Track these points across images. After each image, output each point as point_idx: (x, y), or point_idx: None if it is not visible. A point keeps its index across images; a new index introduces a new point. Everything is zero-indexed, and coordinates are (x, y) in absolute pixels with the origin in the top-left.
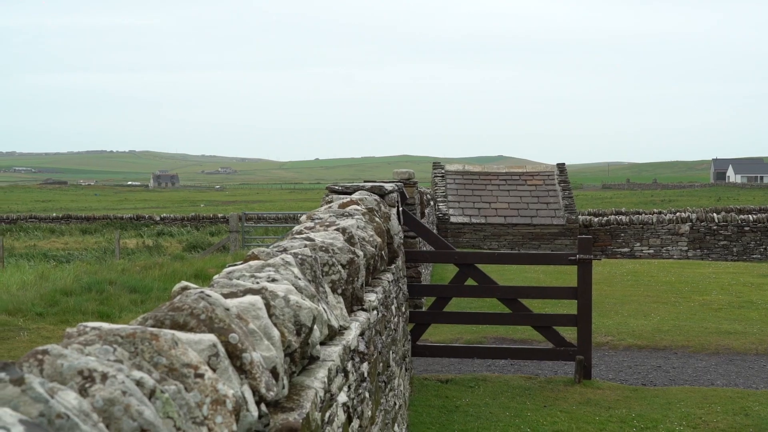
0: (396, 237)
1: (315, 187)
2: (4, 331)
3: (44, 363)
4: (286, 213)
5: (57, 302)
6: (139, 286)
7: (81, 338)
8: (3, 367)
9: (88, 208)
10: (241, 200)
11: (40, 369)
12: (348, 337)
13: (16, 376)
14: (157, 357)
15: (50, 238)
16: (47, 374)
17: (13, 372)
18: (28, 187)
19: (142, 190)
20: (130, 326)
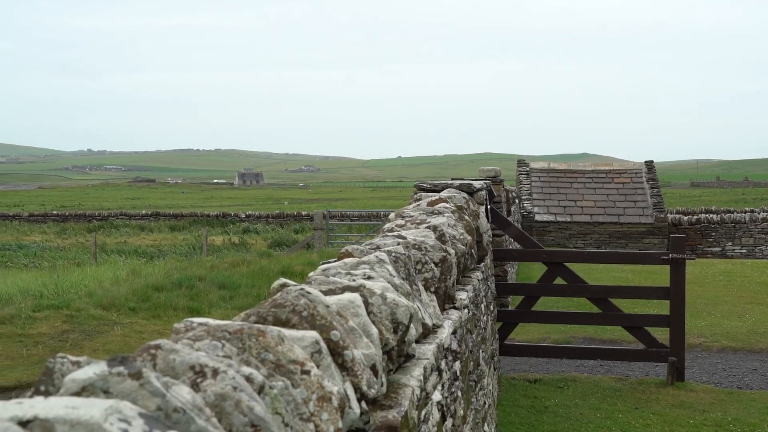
0: (485, 235)
1: (397, 185)
2: (99, 326)
3: (157, 358)
4: (369, 211)
5: (149, 297)
6: (228, 282)
7: (190, 333)
8: (121, 361)
9: (175, 206)
10: (324, 198)
11: (153, 363)
12: (441, 335)
13: (134, 370)
14: (264, 353)
15: (140, 235)
16: (160, 369)
17: (131, 366)
18: (118, 185)
19: (227, 188)
20: (237, 322)
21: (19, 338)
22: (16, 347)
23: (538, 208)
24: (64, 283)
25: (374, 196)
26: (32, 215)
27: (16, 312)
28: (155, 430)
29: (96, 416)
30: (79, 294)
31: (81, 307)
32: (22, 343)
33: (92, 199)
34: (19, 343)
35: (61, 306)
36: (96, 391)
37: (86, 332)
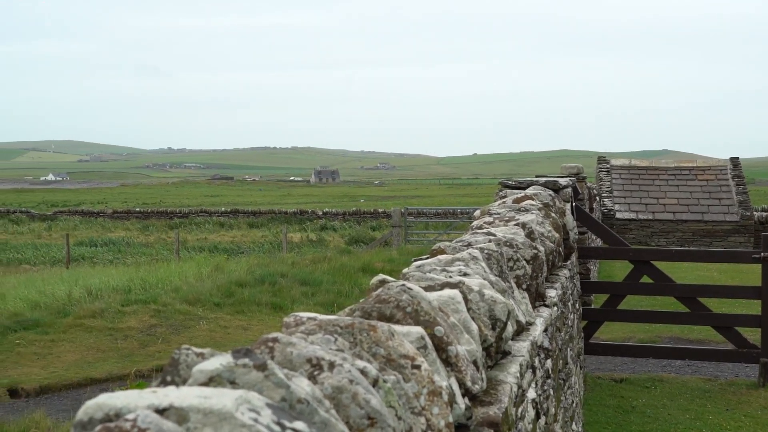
0: (571, 233)
1: (473, 182)
2: (185, 320)
3: (275, 350)
4: (445, 208)
5: (232, 293)
6: (309, 279)
7: (302, 327)
8: (246, 353)
9: (253, 203)
10: (399, 195)
11: (271, 356)
12: (534, 332)
13: (259, 362)
14: (375, 347)
15: (219, 232)
16: (278, 361)
17: (256, 358)
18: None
19: (303, 186)
20: (347, 317)
21: (109, 332)
22: (106, 340)
23: (618, 206)
24: (150, 278)
25: (449, 194)
26: (116, 212)
27: (105, 306)
28: (282, 419)
29: (228, 405)
30: (165, 289)
31: (167, 302)
32: (112, 337)
33: (172, 196)
34: (110, 337)
35: (148, 301)
36: (223, 382)
37: (173, 326)
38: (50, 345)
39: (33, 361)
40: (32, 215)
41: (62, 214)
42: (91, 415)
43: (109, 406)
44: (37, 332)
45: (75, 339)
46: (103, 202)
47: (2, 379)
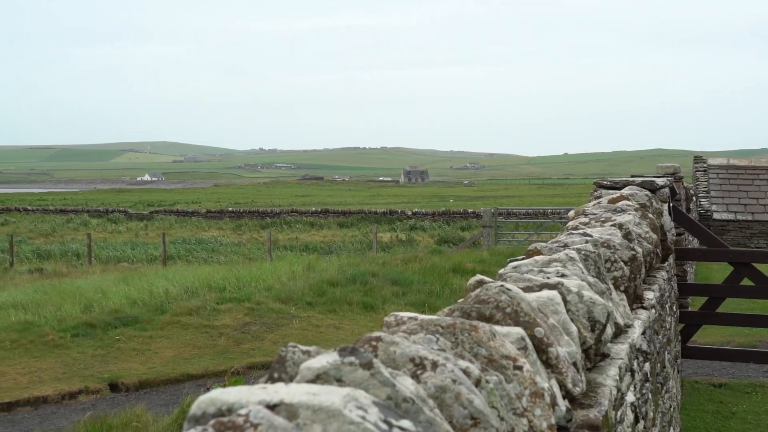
0: (669, 234)
1: (563, 182)
2: (278, 318)
3: (378, 349)
4: (535, 208)
5: (324, 292)
6: (400, 278)
7: (403, 327)
8: (351, 351)
9: (343, 203)
10: (489, 195)
11: (375, 354)
12: (633, 335)
13: (365, 360)
14: (476, 348)
15: (310, 231)
16: (381, 360)
17: (362, 357)
18: (288, 183)
19: (393, 186)
20: (447, 317)
21: (205, 329)
22: (202, 337)
23: (716, 206)
24: (244, 277)
25: (540, 194)
26: (209, 212)
27: (201, 304)
28: (389, 418)
29: (336, 403)
30: (259, 288)
31: (261, 300)
32: (208, 334)
33: (264, 196)
34: (205, 334)
35: (242, 299)
36: (330, 379)
37: (266, 324)
38: (148, 341)
39: (132, 356)
40: (130, 214)
41: (158, 213)
42: (204, 410)
43: (221, 401)
44: (136, 328)
45: (172, 336)
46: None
47: (103, 373)
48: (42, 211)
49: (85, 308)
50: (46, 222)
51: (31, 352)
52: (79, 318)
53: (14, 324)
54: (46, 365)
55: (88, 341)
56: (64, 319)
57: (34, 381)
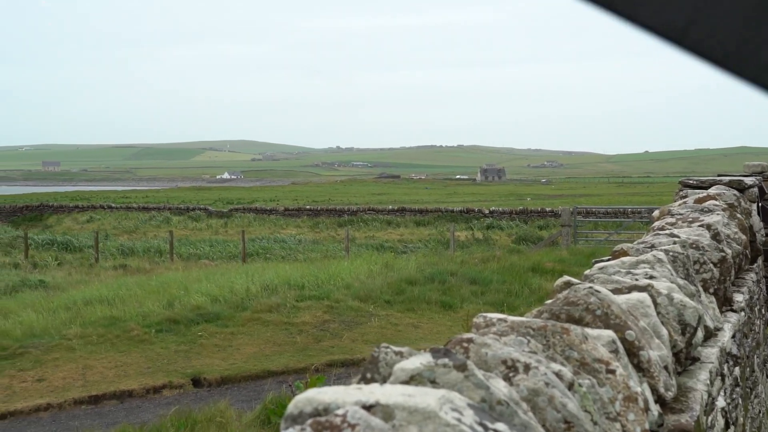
0: (758, 234)
1: (644, 180)
2: (357, 317)
3: (469, 351)
4: (615, 207)
5: (402, 291)
6: (479, 277)
7: (493, 328)
8: (445, 353)
9: (420, 201)
10: (567, 194)
11: (466, 356)
12: (722, 338)
13: (458, 362)
14: (568, 351)
15: (387, 230)
16: (473, 362)
17: (456, 359)
18: (365, 181)
19: (469, 184)
20: (538, 319)
21: (285, 326)
22: (282, 335)
23: None
24: (322, 275)
25: (619, 192)
26: (287, 210)
27: (281, 301)
28: (484, 420)
29: (432, 405)
30: (337, 286)
31: (340, 298)
32: (288, 331)
33: (341, 194)
34: (285, 331)
35: (321, 297)
36: (423, 381)
37: (345, 322)
38: (230, 338)
39: (214, 352)
40: (210, 212)
41: (237, 211)
42: (301, 409)
43: (318, 401)
44: (218, 325)
45: (253, 332)
46: (275, 200)
47: (186, 368)
48: (125, 208)
49: (169, 304)
50: (130, 219)
51: (117, 347)
52: (162, 314)
53: (101, 319)
54: (131, 360)
55: (172, 337)
56: (148, 315)
57: (120, 375)
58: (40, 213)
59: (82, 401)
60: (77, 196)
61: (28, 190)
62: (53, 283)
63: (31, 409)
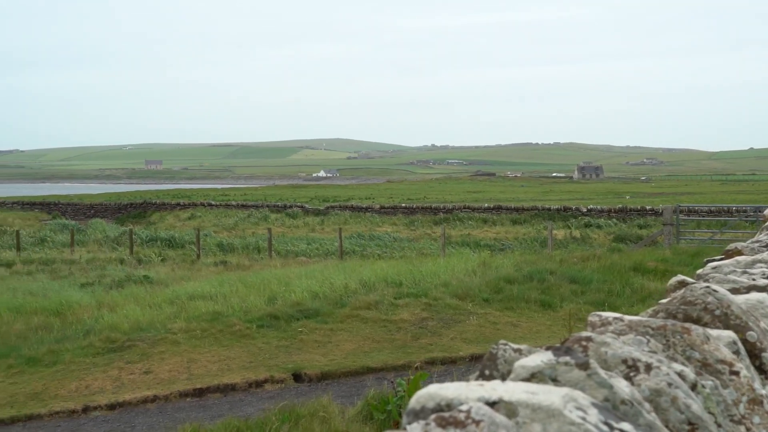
0: None
1: (749, 178)
2: (455, 314)
3: (588, 349)
4: (719, 206)
5: (501, 289)
6: (578, 276)
7: (610, 327)
8: (566, 351)
9: (515, 199)
10: (668, 192)
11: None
12: None
13: (580, 361)
14: (689, 351)
15: (482, 228)
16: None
17: (578, 357)
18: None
19: (566, 182)
20: (656, 319)
21: (383, 323)
22: (381, 331)
23: None
24: (419, 273)
25: (723, 190)
26: (383, 207)
27: (379, 299)
28: (609, 420)
29: (556, 403)
30: (435, 284)
31: (437, 296)
32: (386, 328)
33: (436, 192)
34: (384, 328)
35: (419, 294)
36: (545, 379)
37: (443, 320)
38: (329, 334)
39: (314, 348)
40: (306, 210)
41: (333, 209)
42: (423, 404)
43: (440, 396)
44: (318, 321)
45: (352, 329)
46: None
47: (287, 363)
48: (225, 206)
49: (269, 300)
50: (229, 216)
51: (220, 341)
52: (263, 309)
53: (204, 314)
54: (233, 354)
55: (273, 332)
56: (249, 311)
57: (223, 369)
58: (144, 210)
59: (187, 394)
60: (179, 193)
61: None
62: (157, 278)
63: (138, 400)
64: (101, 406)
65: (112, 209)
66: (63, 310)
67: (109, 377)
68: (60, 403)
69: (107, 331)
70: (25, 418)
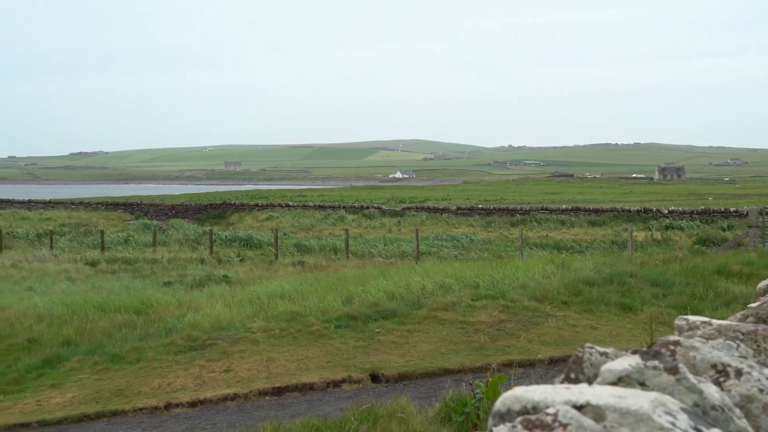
0: None
1: None
2: (533, 317)
3: (676, 354)
4: None
5: (580, 292)
6: (660, 279)
7: (698, 332)
8: (654, 355)
9: (594, 201)
10: (753, 193)
11: (673, 359)
12: None
13: (669, 365)
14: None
15: (560, 229)
16: None
17: (666, 361)
18: (537, 180)
19: (646, 183)
20: (746, 323)
21: (460, 325)
22: (458, 333)
23: None
24: (496, 274)
25: None
26: (459, 209)
27: (456, 300)
28: (699, 425)
29: (645, 407)
30: (513, 285)
31: (515, 298)
32: (464, 330)
33: (513, 193)
34: (461, 330)
35: (497, 296)
36: (632, 383)
37: (521, 322)
38: (406, 335)
39: (391, 348)
40: (383, 211)
41: (409, 210)
42: (509, 407)
43: (526, 399)
44: (395, 322)
45: (429, 330)
46: (446, 199)
47: (365, 364)
48: (302, 207)
49: (346, 300)
50: (306, 217)
51: (298, 341)
52: (341, 310)
53: (282, 314)
54: (311, 353)
55: (350, 332)
56: (327, 311)
57: (301, 368)
58: (223, 211)
59: (266, 392)
60: (257, 194)
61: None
62: (236, 278)
63: (219, 398)
64: (183, 404)
65: (192, 210)
66: (145, 309)
67: (190, 375)
68: (143, 399)
69: (189, 329)
70: (110, 413)
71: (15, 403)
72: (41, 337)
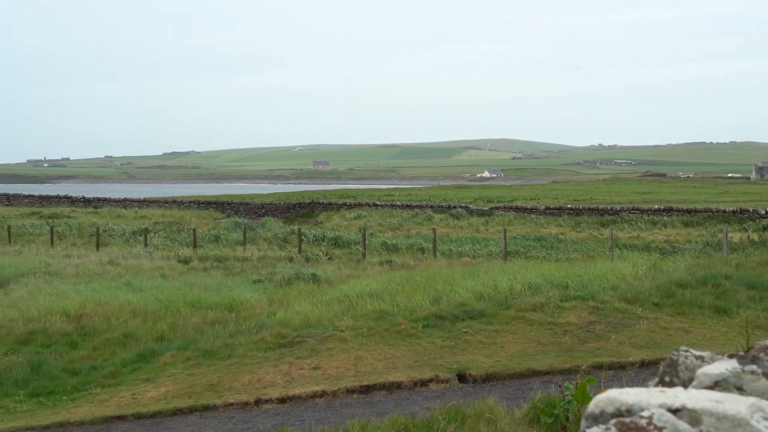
0: None
1: None
2: (624, 319)
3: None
4: None
5: (672, 294)
6: (757, 282)
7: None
8: (752, 359)
9: (688, 201)
10: None
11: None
12: None
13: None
14: None
15: (652, 230)
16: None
17: (765, 366)
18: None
19: (742, 182)
20: None
21: (549, 326)
22: (547, 334)
23: None
24: (586, 275)
25: None
26: (548, 208)
27: (545, 301)
28: None
29: (742, 412)
30: (603, 287)
31: (605, 299)
32: (552, 331)
33: (603, 193)
34: (550, 331)
35: (586, 297)
36: (729, 387)
37: (612, 324)
38: (494, 335)
39: (479, 349)
40: (470, 210)
41: (497, 209)
42: (602, 409)
43: (620, 401)
44: (482, 322)
45: (517, 331)
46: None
47: (452, 364)
48: (389, 206)
49: (434, 300)
50: (394, 216)
51: (385, 340)
52: (428, 309)
53: (370, 312)
54: (399, 353)
55: (437, 332)
56: (414, 310)
57: (389, 367)
58: (311, 210)
59: (353, 390)
60: (345, 193)
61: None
62: (324, 276)
63: (307, 395)
64: (272, 400)
65: (281, 208)
66: (236, 306)
67: (279, 371)
68: (234, 395)
69: (278, 326)
70: (202, 408)
71: (111, 396)
72: (136, 332)
